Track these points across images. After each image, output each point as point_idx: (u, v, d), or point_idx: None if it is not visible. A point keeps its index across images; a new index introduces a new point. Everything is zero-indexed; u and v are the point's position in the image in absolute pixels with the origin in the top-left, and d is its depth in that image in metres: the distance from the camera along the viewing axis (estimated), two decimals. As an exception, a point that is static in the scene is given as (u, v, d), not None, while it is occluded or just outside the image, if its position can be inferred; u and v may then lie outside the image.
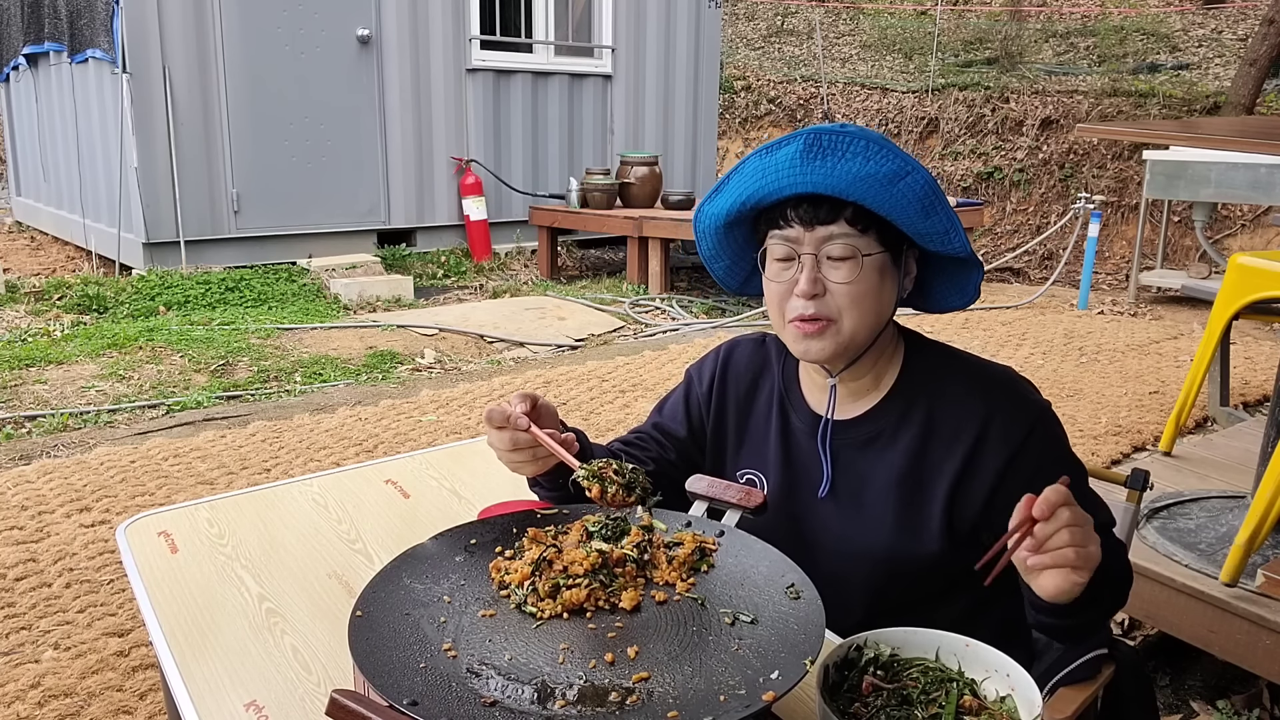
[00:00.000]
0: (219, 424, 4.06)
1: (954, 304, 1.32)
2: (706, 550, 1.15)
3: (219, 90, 6.38)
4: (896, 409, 1.28)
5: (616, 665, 0.95)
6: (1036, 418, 1.25)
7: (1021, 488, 1.20)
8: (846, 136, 1.14)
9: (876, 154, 1.14)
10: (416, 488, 1.70)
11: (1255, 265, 2.91)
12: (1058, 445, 1.26)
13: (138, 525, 1.54)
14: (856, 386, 1.31)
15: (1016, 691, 0.95)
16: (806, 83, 11.61)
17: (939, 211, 1.17)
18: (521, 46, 7.87)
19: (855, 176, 1.14)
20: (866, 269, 1.18)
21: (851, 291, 1.19)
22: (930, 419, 1.26)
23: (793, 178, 1.16)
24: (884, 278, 1.21)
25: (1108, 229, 8.83)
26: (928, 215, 1.16)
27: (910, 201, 1.15)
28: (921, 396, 1.27)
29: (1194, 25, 12.17)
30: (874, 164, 1.13)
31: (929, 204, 1.16)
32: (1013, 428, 1.22)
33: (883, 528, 1.26)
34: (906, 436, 1.26)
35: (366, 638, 0.97)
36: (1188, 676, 2.43)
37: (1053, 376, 4.91)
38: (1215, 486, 2.86)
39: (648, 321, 6.24)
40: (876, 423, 1.29)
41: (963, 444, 1.23)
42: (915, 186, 1.14)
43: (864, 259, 1.18)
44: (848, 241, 1.18)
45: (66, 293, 6.06)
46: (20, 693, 2.18)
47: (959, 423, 1.24)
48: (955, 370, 1.29)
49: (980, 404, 1.24)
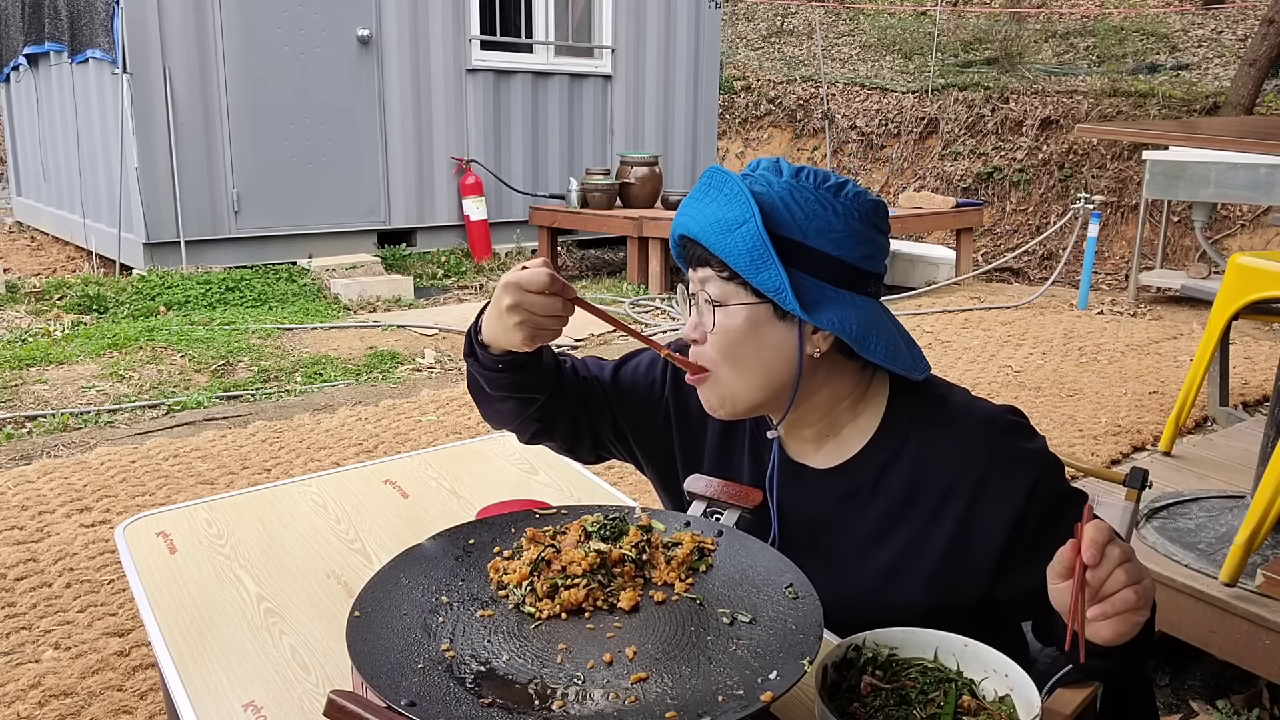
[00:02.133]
0: (219, 424, 4.06)
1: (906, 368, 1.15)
2: (705, 550, 1.15)
3: (219, 90, 6.38)
4: (877, 461, 1.18)
5: (615, 665, 0.95)
6: (1040, 471, 1.14)
7: (1028, 545, 1.14)
8: (723, 178, 1.10)
9: (730, 199, 1.09)
10: (416, 488, 1.70)
11: (1255, 265, 2.91)
12: (1061, 493, 1.16)
13: (136, 525, 1.54)
14: (814, 432, 1.21)
15: (1015, 691, 0.96)
16: (806, 83, 11.61)
17: (769, 268, 1.07)
18: (521, 47, 7.87)
19: (706, 220, 1.10)
20: (735, 318, 1.11)
21: (716, 342, 1.13)
22: (916, 474, 1.16)
23: (681, 216, 1.15)
24: (761, 331, 1.11)
25: (1107, 229, 8.83)
26: (759, 270, 1.07)
27: (741, 252, 1.07)
28: (907, 447, 1.17)
29: (1194, 25, 12.17)
30: (722, 209, 1.09)
31: (758, 260, 1.07)
32: (1012, 488, 1.12)
33: (854, 590, 1.18)
34: (888, 493, 1.17)
35: (364, 638, 0.97)
36: (1187, 676, 2.43)
37: (1053, 376, 4.91)
38: (1215, 486, 2.86)
39: (648, 321, 6.24)
40: (853, 475, 1.19)
41: (956, 505, 1.13)
42: (746, 237, 1.07)
43: (730, 307, 1.11)
44: (716, 286, 1.11)
45: (67, 293, 6.06)
46: (20, 692, 2.18)
47: (951, 481, 1.14)
48: (944, 419, 1.17)
49: (975, 460, 1.14)
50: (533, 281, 1.08)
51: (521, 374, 1.22)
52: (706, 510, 1.25)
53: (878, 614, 1.09)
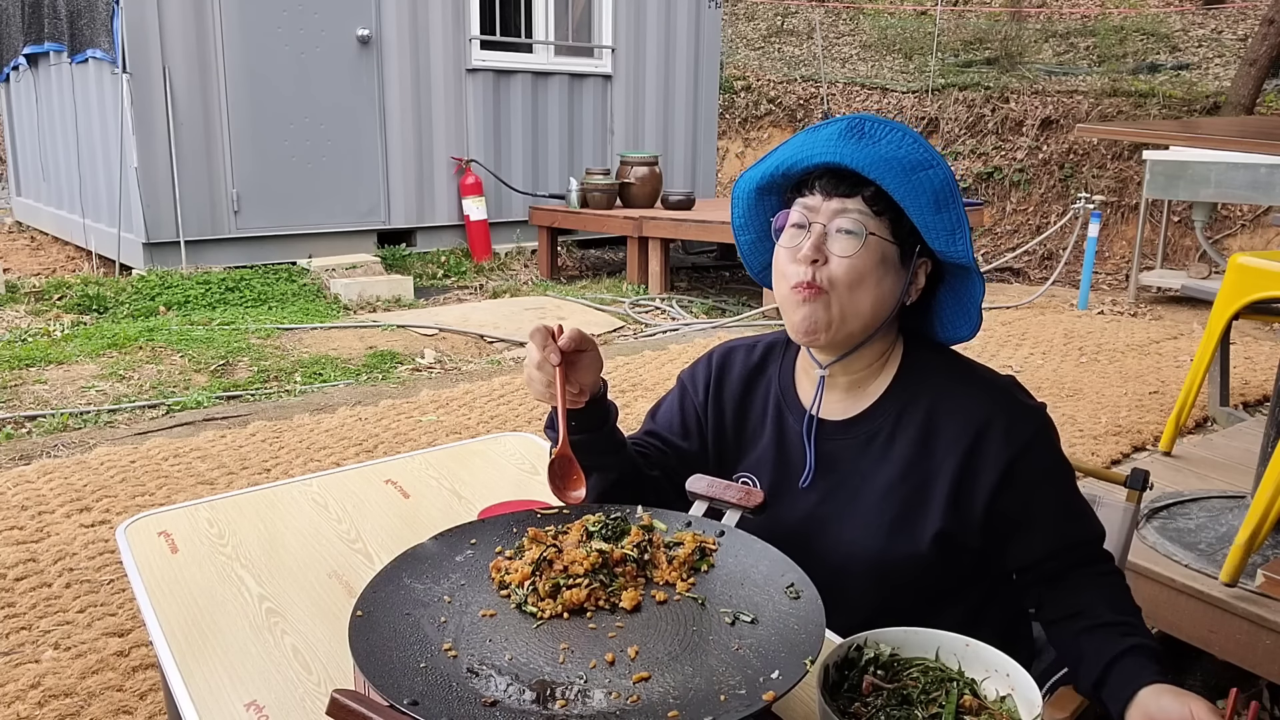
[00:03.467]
0: (219, 424, 4.06)
1: (961, 332, 1.33)
2: (706, 550, 1.15)
3: (219, 90, 6.38)
4: (894, 409, 1.29)
5: (617, 665, 0.95)
6: (1039, 425, 1.26)
7: (1020, 494, 1.24)
8: (886, 125, 1.20)
9: (907, 143, 1.19)
10: (416, 488, 1.70)
11: (1255, 265, 2.91)
12: (1056, 454, 1.28)
13: (138, 525, 1.54)
14: (848, 381, 1.31)
15: (1016, 691, 0.96)
16: (806, 83, 11.61)
17: (950, 209, 1.20)
18: (521, 46, 7.87)
19: (880, 158, 1.19)
20: (869, 248, 1.21)
21: (850, 266, 1.20)
22: (929, 420, 1.26)
23: (826, 150, 1.22)
24: (886, 267, 1.23)
25: (1107, 229, 8.83)
26: (939, 209, 1.19)
27: (925, 192, 1.19)
28: (920, 397, 1.28)
29: (1194, 25, 12.17)
30: (902, 150, 1.19)
31: (942, 199, 1.19)
32: (1014, 432, 1.24)
33: (879, 529, 1.26)
34: (905, 437, 1.27)
35: (367, 638, 0.97)
36: (1187, 676, 2.43)
37: (1053, 376, 4.91)
38: (1215, 486, 2.86)
39: (648, 321, 6.24)
40: (874, 421, 1.29)
41: (961, 445, 1.24)
42: (934, 179, 1.19)
43: (869, 238, 1.21)
44: (858, 218, 1.21)
45: (66, 293, 6.06)
46: (20, 693, 2.18)
47: (959, 424, 1.25)
48: (955, 371, 1.30)
49: (980, 406, 1.25)
50: (533, 335, 1.22)
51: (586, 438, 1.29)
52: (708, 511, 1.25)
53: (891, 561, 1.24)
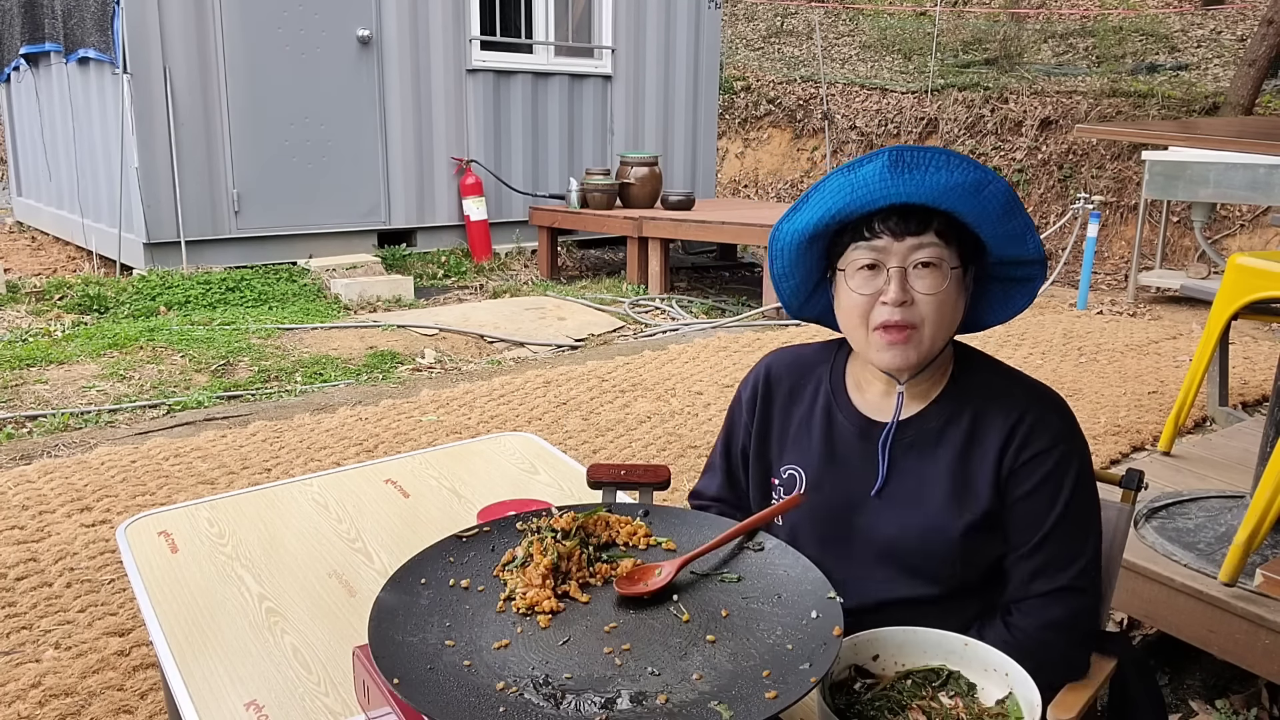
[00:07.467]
0: (219, 424, 4.06)
1: (999, 317, 1.39)
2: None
3: (219, 90, 6.38)
4: (945, 412, 1.34)
5: (621, 665, 0.95)
6: (1070, 431, 1.32)
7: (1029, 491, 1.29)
8: (927, 152, 1.21)
9: (959, 166, 1.21)
10: (416, 487, 1.71)
11: (1254, 265, 2.91)
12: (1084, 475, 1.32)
13: (138, 525, 1.54)
14: (917, 392, 1.36)
15: (1016, 691, 0.96)
16: (806, 83, 11.61)
17: (1018, 214, 1.25)
18: (521, 47, 7.87)
19: (944, 187, 1.21)
20: (950, 280, 1.26)
21: (936, 301, 1.25)
22: (976, 419, 1.33)
23: (884, 190, 1.22)
24: (960, 291, 1.29)
25: (1107, 229, 8.84)
26: (1009, 218, 1.24)
27: (995, 207, 1.23)
28: (970, 399, 1.34)
29: (1193, 26, 12.17)
30: (959, 174, 1.21)
31: (1009, 208, 1.24)
32: (1043, 430, 1.29)
33: (929, 516, 1.31)
34: (954, 437, 1.33)
35: (388, 632, 0.98)
36: (1186, 676, 2.43)
37: (1052, 376, 4.91)
38: (1214, 486, 2.86)
39: (647, 321, 6.24)
40: (927, 421, 1.35)
41: (999, 433, 1.30)
42: (998, 193, 1.23)
43: (945, 269, 1.25)
44: (936, 250, 1.24)
45: (67, 293, 6.06)
46: (21, 692, 2.18)
47: (1000, 418, 1.31)
48: (1002, 376, 1.37)
49: (1019, 402, 1.32)
50: None
51: None
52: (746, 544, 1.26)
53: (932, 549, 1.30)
